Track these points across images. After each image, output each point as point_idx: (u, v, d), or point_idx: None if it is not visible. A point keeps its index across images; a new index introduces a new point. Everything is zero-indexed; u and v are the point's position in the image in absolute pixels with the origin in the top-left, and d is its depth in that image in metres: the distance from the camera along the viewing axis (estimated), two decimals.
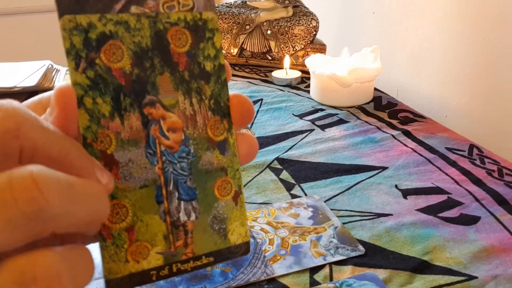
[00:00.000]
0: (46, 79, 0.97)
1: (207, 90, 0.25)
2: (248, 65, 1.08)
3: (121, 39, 0.23)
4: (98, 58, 0.23)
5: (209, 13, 0.24)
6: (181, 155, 0.25)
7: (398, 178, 0.62)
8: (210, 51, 0.25)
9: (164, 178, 0.24)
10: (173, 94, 0.24)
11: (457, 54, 0.89)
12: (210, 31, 0.25)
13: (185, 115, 0.25)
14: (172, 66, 0.24)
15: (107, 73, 0.23)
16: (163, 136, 0.24)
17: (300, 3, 1.05)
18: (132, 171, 0.24)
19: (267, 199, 0.58)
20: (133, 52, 0.23)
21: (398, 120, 0.79)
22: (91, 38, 0.22)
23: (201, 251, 0.25)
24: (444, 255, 0.48)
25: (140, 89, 0.24)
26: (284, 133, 0.75)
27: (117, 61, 0.23)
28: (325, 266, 0.47)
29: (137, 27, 0.23)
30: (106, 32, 0.23)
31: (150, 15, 0.23)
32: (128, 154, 0.23)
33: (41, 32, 2.22)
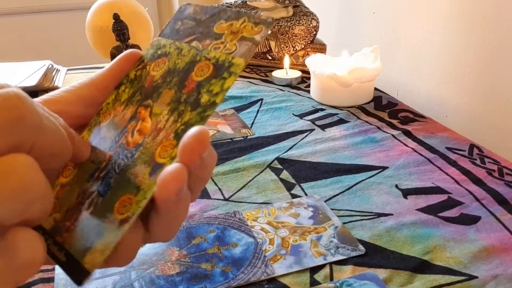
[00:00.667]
0: (46, 79, 0.97)
1: (186, 116, 0.26)
2: (248, 65, 1.08)
3: (169, 58, 0.29)
4: (149, 65, 0.30)
5: (240, 59, 0.26)
6: (127, 154, 0.27)
7: (398, 178, 0.62)
8: (215, 88, 0.26)
9: (105, 164, 0.27)
10: (163, 107, 0.27)
11: (457, 54, 0.89)
12: (229, 72, 0.26)
13: (156, 126, 0.27)
14: (180, 87, 0.27)
15: (144, 76, 0.29)
16: (131, 132, 0.27)
17: (300, 3, 1.05)
18: (98, 146, 0.28)
19: (268, 199, 0.58)
20: (169, 68, 0.28)
21: (398, 120, 0.79)
22: (156, 53, 0.30)
23: (67, 244, 0.25)
24: (444, 254, 0.48)
25: (150, 93, 0.28)
26: (284, 133, 0.75)
27: (156, 71, 0.29)
28: (325, 266, 0.47)
29: (184, 54, 0.28)
30: (167, 52, 0.29)
31: (198, 48, 0.28)
32: (107, 132, 0.28)
33: (41, 32, 2.23)
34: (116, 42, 0.98)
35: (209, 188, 0.61)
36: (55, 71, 1.04)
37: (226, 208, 0.56)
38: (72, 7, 2.23)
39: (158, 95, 0.28)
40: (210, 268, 0.47)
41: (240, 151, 0.69)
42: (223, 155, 0.68)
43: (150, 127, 0.27)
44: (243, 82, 0.97)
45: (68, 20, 2.23)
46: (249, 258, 0.48)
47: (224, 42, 0.27)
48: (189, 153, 0.23)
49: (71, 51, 2.11)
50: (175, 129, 0.26)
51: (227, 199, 0.58)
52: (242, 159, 0.67)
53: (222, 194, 0.59)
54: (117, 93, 0.30)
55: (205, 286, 0.44)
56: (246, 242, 0.50)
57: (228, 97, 0.89)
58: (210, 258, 0.48)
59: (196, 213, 0.56)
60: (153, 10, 2.41)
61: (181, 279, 0.45)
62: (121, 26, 0.96)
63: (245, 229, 0.52)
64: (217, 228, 0.52)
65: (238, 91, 0.92)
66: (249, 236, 0.51)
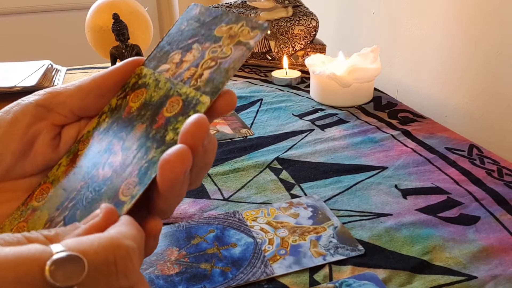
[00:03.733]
0: (46, 79, 0.97)
1: (151, 153, 0.26)
2: (248, 65, 1.08)
3: (147, 90, 0.29)
4: (129, 95, 0.30)
5: (206, 97, 0.26)
6: (95, 187, 0.27)
7: (397, 178, 0.62)
8: (180, 126, 0.26)
9: (75, 195, 0.27)
10: (134, 141, 0.27)
11: (457, 54, 0.89)
12: (195, 111, 0.26)
13: (125, 162, 0.27)
14: (151, 122, 0.28)
15: (124, 107, 0.30)
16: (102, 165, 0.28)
17: (300, 3, 1.05)
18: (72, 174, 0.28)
19: (267, 199, 0.58)
20: (145, 101, 0.29)
21: (398, 120, 0.79)
22: (137, 83, 0.30)
23: None
24: (443, 255, 0.48)
25: (125, 126, 0.29)
26: (284, 133, 0.75)
27: (133, 102, 0.29)
28: (324, 266, 0.47)
29: (160, 86, 0.29)
30: (146, 83, 0.30)
31: (173, 82, 0.28)
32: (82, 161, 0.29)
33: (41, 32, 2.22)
34: (116, 42, 0.98)
35: (208, 188, 0.61)
36: (55, 71, 1.04)
37: (226, 208, 0.56)
38: (72, 7, 2.23)
39: (131, 128, 0.28)
40: (210, 268, 0.47)
41: (239, 151, 0.69)
42: (223, 155, 0.68)
43: (119, 161, 0.27)
44: (242, 82, 0.97)
45: (67, 20, 2.23)
46: (249, 258, 0.48)
47: (222, 46, 0.28)
48: (191, 138, 0.24)
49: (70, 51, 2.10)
50: (140, 166, 0.26)
51: (227, 199, 0.58)
52: (242, 159, 0.67)
53: (221, 194, 0.59)
54: (98, 121, 0.30)
55: (204, 286, 0.44)
56: (246, 242, 0.50)
57: None
58: (209, 258, 0.48)
59: (196, 213, 0.56)
60: (153, 10, 2.41)
61: (181, 279, 0.45)
62: (120, 26, 0.96)
63: (244, 229, 0.52)
64: (216, 228, 0.52)
65: (237, 91, 0.92)
66: (248, 236, 0.51)
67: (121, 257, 0.19)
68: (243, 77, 1.01)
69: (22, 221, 0.28)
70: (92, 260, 0.18)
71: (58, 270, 0.17)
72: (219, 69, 0.27)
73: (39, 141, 0.30)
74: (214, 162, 0.66)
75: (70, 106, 0.30)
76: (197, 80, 0.27)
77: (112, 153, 0.28)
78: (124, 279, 0.19)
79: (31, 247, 0.18)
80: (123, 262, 0.19)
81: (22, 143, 0.29)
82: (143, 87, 0.30)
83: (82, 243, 0.19)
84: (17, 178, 0.30)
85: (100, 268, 0.18)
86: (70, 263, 0.18)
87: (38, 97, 0.30)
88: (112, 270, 0.19)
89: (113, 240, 0.19)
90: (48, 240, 0.20)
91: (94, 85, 0.30)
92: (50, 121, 0.30)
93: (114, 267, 0.19)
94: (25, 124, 0.29)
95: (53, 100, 0.30)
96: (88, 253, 0.18)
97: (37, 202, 0.28)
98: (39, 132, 0.30)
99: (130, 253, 0.19)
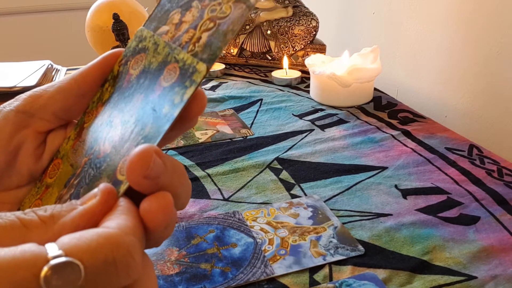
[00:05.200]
0: (46, 78, 0.97)
1: (147, 129, 0.24)
2: (248, 65, 1.08)
3: (147, 55, 0.27)
4: (130, 61, 0.28)
5: (203, 65, 0.24)
6: (96, 164, 0.26)
7: (397, 178, 0.62)
8: (176, 98, 0.24)
9: (80, 171, 0.26)
10: (133, 113, 0.26)
11: (457, 54, 0.89)
12: (191, 81, 0.24)
13: (123, 136, 0.25)
14: (148, 92, 0.26)
15: (124, 74, 0.28)
16: (103, 140, 0.26)
17: (300, 3, 1.05)
18: (79, 149, 0.27)
19: (267, 199, 0.58)
20: (144, 67, 0.27)
21: (398, 120, 0.79)
22: (137, 47, 0.28)
23: None
24: (443, 255, 0.48)
25: (125, 96, 0.27)
26: (284, 133, 0.75)
27: (133, 69, 0.27)
28: (324, 266, 0.47)
29: (159, 51, 0.27)
30: (146, 46, 0.27)
31: (171, 46, 0.26)
32: (87, 135, 0.27)
33: (41, 32, 2.22)
34: (116, 42, 0.98)
35: (208, 188, 0.61)
36: (55, 71, 1.04)
37: (226, 208, 0.56)
38: (72, 7, 2.23)
39: (131, 99, 0.26)
40: (210, 268, 0.47)
41: (239, 151, 0.69)
42: (223, 155, 0.68)
43: (118, 136, 0.26)
44: (242, 82, 0.97)
45: (67, 20, 2.23)
46: (249, 258, 0.48)
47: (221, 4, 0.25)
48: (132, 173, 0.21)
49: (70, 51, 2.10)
50: (137, 143, 0.24)
51: (227, 199, 0.58)
52: (242, 159, 0.67)
53: (221, 194, 0.59)
54: (101, 91, 0.29)
55: (204, 286, 0.44)
56: (246, 242, 0.50)
57: (228, 97, 0.89)
58: (209, 258, 0.48)
59: (196, 213, 0.56)
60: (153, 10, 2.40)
61: (181, 279, 0.45)
62: (120, 26, 0.96)
63: (244, 229, 0.52)
64: (216, 228, 0.52)
65: (237, 91, 0.92)
66: (248, 236, 0.51)
67: (121, 256, 0.18)
68: (243, 77, 1.01)
69: (38, 198, 0.27)
70: (89, 263, 0.18)
71: (53, 277, 0.17)
72: (217, 32, 0.25)
73: (23, 151, 0.28)
74: (214, 162, 0.66)
75: (52, 109, 0.28)
76: (195, 45, 0.25)
77: (112, 127, 0.26)
78: (126, 278, 0.19)
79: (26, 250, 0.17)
80: (124, 261, 0.18)
81: (6, 154, 0.27)
82: (142, 51, 0.27)
83: (78, 244, 0.18)
84: (2, 191, 0.28)
85: (99, 270, 0.18)
86: (66, 269, 0.17)
87: (18, 102, 0.28)
88: (113, 271, 0.18)
89: (112, 238, 0.19)
90: (43, 223, 0.20)
91: (74, 84, 0.28)
92: (33, 128, 0.28)
93: (114, 267, 0.18)
94: (7, 134, 0.27)
95: (34, 104, 0.28)
96: (85, 255, 0.18)
97: (50, 178, 0.28)
98: (23, 141, 0.28)
99: (131, 250, 0.19)
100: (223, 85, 0.96)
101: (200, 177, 0.63)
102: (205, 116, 0.82)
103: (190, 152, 0.69)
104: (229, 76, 1.02)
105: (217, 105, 0.87)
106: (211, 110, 0.85)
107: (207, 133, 0.75)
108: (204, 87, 0.95)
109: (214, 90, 0.93)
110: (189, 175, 0.63)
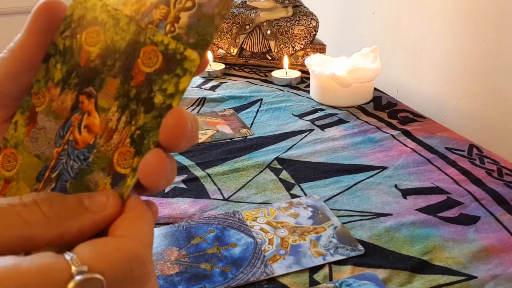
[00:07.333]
0: None
1: (140, 119, 0.23)
2: (248, 65, 1.08)
3: (104, 30, 0.24)
4: (79, 34, 0.25)
5: (194, 53, 0.23)
6: (79, 155, 0.24)
7: (397, 178, 0.62)
8: (169, 87, 0.23)
9: (55, 163, 0.25)
10: (110, 100, 0.24)
11: (457, 54, 0.89)
12: (182, 69, 0.23)
13: (107, 125, 0.24)
14: (126, 76, 0.24)
15: (77, 50, 0.25)
16: (78, 128, 0.24)
17: (300, 3, 1.05)
18: (39, 137, 0.25)
19: (267, 199, 0.58)
20: (106, 46, 0.24)
21: (397, 120, 0.79)
22: (86, 17, 0.24)
23: None
24: (443, 255, 0.48)
25: (89, 77, 0.24)
26: (284, 133, 0.75)
27: (90, 45, 0.24)
28: (324, 266, 0.47)
29: (123, 28, 0.24)
30: (98, 18, 0.24)
31: (139, 25, 0.24)
32: (46, 121, 0.25)
33: None
34: None
35: (208, 188, 0.61)
36: None
37: (226, 208, 0.56)
38: None
39: (100, 82, 0.24)
40: (210, 268, 0.47)
41: (239, 151, 0.69)
42: (223, 155, 0.68)
43: (99, 124, 0.24)
44: (242, 82, 0.97)
45: None
46: (249, 258, 0.48)
47: None
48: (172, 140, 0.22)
49: None
50: (131, 134, 0.23)
51: (227, 199, 0.58)
52: (242, 159, 0.67)
53: (221, 194, 0.59)
54: (47, 68, 0.25)
55: (204, 286, 0.44)
56: (246, 242, 0.50)
57: (228, 97, 0.89)
58: (209, 258, 0.48)
59: (196, 213, 0.56)
60: None
61: (181, 279, 0.45)
62: None
63: (244, 229, 0.52)
64: (216, 228, 0.52)
65: (237, 91, 0.92)
66: (248, 236, 0.51)
67: (137, 267, 0.19)
68: (243, 77, 1.01)
69: None
70: (110, 277, 0.18)
71: None
72: (200, 13, 0.23)
73: None
74: (214, 162, 0.66)
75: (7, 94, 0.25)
76: (173, 25, 0.23)
77: (85, 114, 0.24)
78: (139, 285, 0.20)
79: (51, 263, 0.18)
80: (139, 271, 0.19)
81: None
82: (95, 24, 0.24)
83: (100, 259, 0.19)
84: None
85: (118, 281, 0.19)
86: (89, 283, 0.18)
87: None
88: (129, 280, 0.19)
89: (131, 251, 0.19)
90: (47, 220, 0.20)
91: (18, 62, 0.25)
92: None
93: (131, 277, 0.19)
94: None
95: None
96: (107, 270, 0.18)
97: (6, 171, 0.25)
98: None
99: (145, 260, 0.20)
100: (223, 85, 0.96)
101: (200, 177, 0.63)
102: (205, 116, 0.82)
103: (190, 152, 0.69)
104: (229, 76, 1.01)
105: (217, 105, 0.87)
106: (211, 110, 0.85)
107: (207, 133, 0.75)
108: (204, 87, 0.95)
109: (214, 90, 0.93)
110: (189, 175, 0.63)
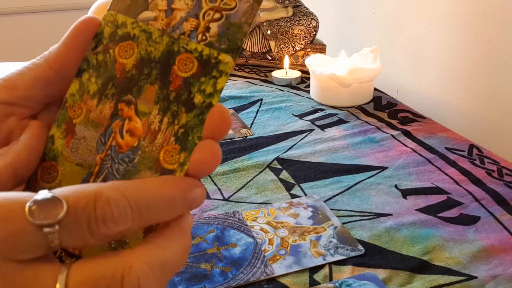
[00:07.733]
0: None
1: (183, 118, 0.25)
2: (248, 65, 1.08)
3: (138, 44, 0.26)
4: (112, 49, 0.26)
5: (227, 56, 0.25)
6: (124, 158, 0.25)
7: (397, 178, 0.62)
8: (207, 88, 0.25)
9: (99, 168, 0.26)
10: (150, 105, 0.25)
11: (457, 54, 0.89)
12: (218, 71, 0.25)
13: (149, 127, 0.25)
14: (164, 82, 0.25)
15: (111, 63, 0.26)
16: (120, 133, 0.26)
17: (300, 3, 1.05)
18: (80, 146, 0.26)
19: (267, 199, 0.58)
20: (141, 57, 0.26)
21: (398, 120, 0.79)
22: (116, 34, 0.26)
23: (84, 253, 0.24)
24: (443, 255, 0.48)
25: (126, 86, 0.26)
26: (284, 133, 0.75)
27: (124, 58, 0.26)
28: (324, 266, 0.47)
29: (156, 41, 0.26)
30: (130, 34, 0.26)
31: (172, 36, 0.26)
32: (86, 131, 0.26)
33: (41, 32, 2.22)
34: None
35: (208, 188, 0.61)
36: None
37: (226, 208, 0.56)
38: (72, 7, 2.23)
39: (138, 90, 0.26)
40: (210, 268, 0.47)
41: (239, 151, 0.69)
42: (223, 155, 0.68)
43: (141, 128, 0.25)
44: (242, 82, 0.97)
45: (68, 20, 2.23)
46: (249, 258, 0.48)
47: None
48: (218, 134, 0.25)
49: None
50: (174, 132, 0.25)
51: (227, 199, 0.58)
52: (242, 159, 0.67)
53: (221, 194, 0.59)
54: (80, 82, 0.27)
55: (204, 286, 0.44)
56: (246, 242, 0.50)
57: (228, 97, 0.89)
58: (209, 258, 0.48)
59: (196, 213, 0.56)
60: None
61: (181, 279, 0.45)
62: None
63: (244, 229, 0.52)
64: (216, 228, 0.52)
65: (237, 91, 0.92)
66: (248, 236, 0.51)
67: (100, 205, 0.21)
68: (243, 77, 1.01)
69: None
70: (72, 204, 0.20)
71: (37, 209, 0.20)
72: (228, 23, 0.25)
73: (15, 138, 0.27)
74: None
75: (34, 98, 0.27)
76: (204, 34, 0.25)
77: (126, 119, 0.26)
78: (103, 227, 0.21)
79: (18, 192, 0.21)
80: (101, 209, 0.21)
81: None
82: (128, 39, 0.26)
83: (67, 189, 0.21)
84: None
85: (81, 213, 0.21)
86: (50, 204, 0.20)
87: None
88: (92, 216, 0.21)
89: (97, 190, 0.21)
90: None
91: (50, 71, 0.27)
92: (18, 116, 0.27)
93: (94, 213, 0.21)
94: None
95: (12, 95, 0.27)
96: (69, 198, 0.21)
97: (46, 182, 0.26)
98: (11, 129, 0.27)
99: (111, 203, 0.21)
100: None
101: None
102: None
103: None
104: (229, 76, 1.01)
105: None
106: None
107: None
108: None
109: None
110: None
